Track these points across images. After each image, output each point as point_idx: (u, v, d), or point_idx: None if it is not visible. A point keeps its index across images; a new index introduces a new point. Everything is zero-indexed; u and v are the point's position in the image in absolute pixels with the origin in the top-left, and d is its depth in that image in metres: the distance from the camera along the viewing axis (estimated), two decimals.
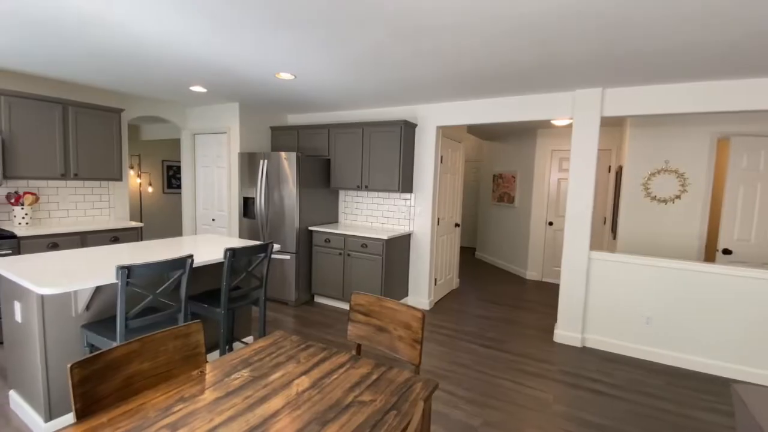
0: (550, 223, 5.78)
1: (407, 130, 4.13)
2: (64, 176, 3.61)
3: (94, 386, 1.15)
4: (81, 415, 1.10)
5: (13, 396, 2.26)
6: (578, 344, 3.59)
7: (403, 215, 4.45)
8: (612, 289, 3.48)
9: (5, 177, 3.25)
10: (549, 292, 5.29)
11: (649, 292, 3.35)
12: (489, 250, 7.09)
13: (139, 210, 6.97)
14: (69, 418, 2.10)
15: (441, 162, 4.38)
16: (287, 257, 4.27)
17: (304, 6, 1.97)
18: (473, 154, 8.13)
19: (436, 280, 4.56)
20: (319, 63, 2.94)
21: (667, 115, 3.23)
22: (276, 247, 2.86)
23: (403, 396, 1.29)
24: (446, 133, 4.47)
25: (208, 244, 2.95)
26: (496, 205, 6.83)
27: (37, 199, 3.52)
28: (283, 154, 4.22)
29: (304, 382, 1.34)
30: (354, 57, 2.76)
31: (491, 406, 2.54)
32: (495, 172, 6.86)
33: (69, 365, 1.08)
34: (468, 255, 7.63)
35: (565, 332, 3.64)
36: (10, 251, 3.10)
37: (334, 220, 4.87)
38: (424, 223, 4.34)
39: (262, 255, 2.69)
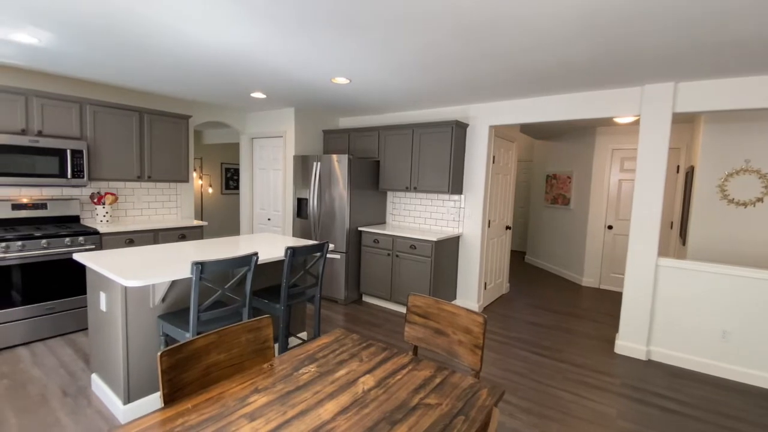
0: (610, 227, 5.44)
1: (458, 130, 4.07)
2: (139, 178, 3.94)
3: (179, 374, 1.24)
4: (168, 400, 1.19)
5: (95, 379, 2.49)
6: (642, 357, 3.34)
7: (452, 217, 4.39)
8: (682, 299, 3.21)
9: (90, 179, 3.60)
10: (608, 300, 4.98)
11: (726, 303, 3.05)
12: (540, 254, 6.80)
13: (200, 209, 7.45)
14: (145, 401, 2.28)
15: (493, 162, 4.27)
16: (337, 257, 4.36)
17: (365, 9, 2.00)
18: (524, 154, 7.85)
19: (485, 284, 4.44)
20: (373, 66, 2.97)
21: (750, 110, 2.92)
22: (330, 246, 2.92)
23: (470, 402, 1.27)
24: (499, 133, 4.35)
25: (266, 242, 3.08)
26: (549, 207, 6.54)
27: (116, 199, 3.88)
28: (334, 156, 4.32)
29: (369, 380, 1.36)
30: (408, 58, 2.76)
31: (550, 417, 2.43)
32: (548, 172, 6.58)
33: (159, 353, 1.17)
34: (517, 259, 7.37)
35: (628, 343, 3.41)
36: (94, 246, 3.43)
37: (381, 221, 4.91)
38: (474, 225, 4.25)
39: (318, 254, 2.76)
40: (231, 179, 7.89)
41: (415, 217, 4.72)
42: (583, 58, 2.62)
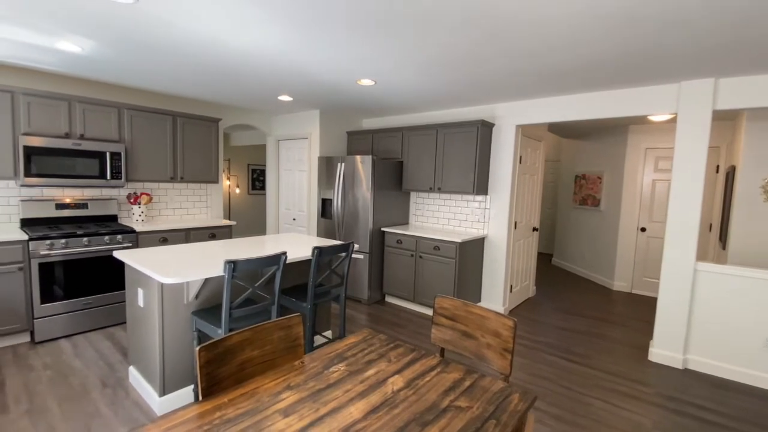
0: (643, 229, 5.24)
1: (484, 130, 4.02)
2: (172, 179, 4.10)
3: (215, 369, 1.28)
4: (205, 394, 1.23)
5: (132, 371, 2.60)
6: (679, 366, 3.20)
7: (477, 218, 4.33)
8: (723, 305, 3.05)
9: (127, 180, 3.77)
10: (641, 306, 4.79)
11: None
12: (568, 256, 6.62)
13: (228, 209, 7.66)
14: (179, 393, 2.36)
15: (520, 162, 4.20)
16: (360, 257, 4.39)
17: (392, 9, 2.01)
18: (551, 154, 7.67)
19: (511, 287, 4.37)
20: (399, 67, 2.98)
21: None
22: (355, 246, 2.95)
23: (501, 406, 1.25)
24: (526, 132, 4.27)
25: (293, 242, 3.14)
26: (578, 209, 6.36)
27: (150, 199, 4.04)
28: (358, 157, 4.35)
29: (398, 381, 1.36)
30: (434, 58, 2.75)
31: (581, 425, 2.36)
32: (577, 172, 6.40)
33: (197, 348, 1.22)
34: (544, 261, 7.21)
35: (663, 351, 3.27)
36: (131, 244, 3.58)
37: (404, 221, 4.91)
38: (499, 227, 4.18)
39: (344, 254, 2.79)
40: (257, 180, 8.07)
41: (439, 217, 4.69)
42: (616, 55, 2.54)
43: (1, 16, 2.25)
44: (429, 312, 4.23)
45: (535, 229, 4.80)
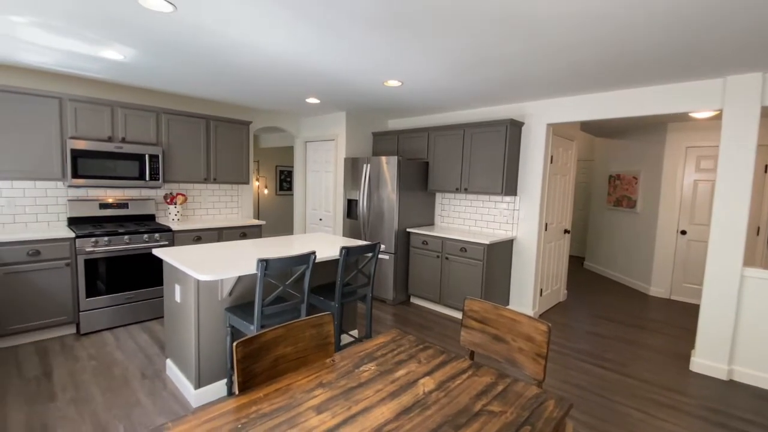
0: (683, 232, 4.98)
1: (513, 129, 3.94)
2: (206, 180, 4.24)
3: (251, 364, 1.31)
4: (242, 388, 1.27)
5: (169, 364, 2.71)
6: (723, 377, 3.02)
7: (506, 219, 4.25)
8: None
9: (164, 181, 3.93)
10: (680, 312, 4.56)
11: None
12: (601, 260, 6.39)
13: (257, 209, 7.86)
14: (213, 387, 2.44)
15: (551, 162, 4.09)
16: (386, 257, 4.40)
17: (419, 9, 2.00)
18: (583, 153, 7.42)
19: (541, 290, 4.25)
20: (426, 67, 2.97)
21: None
22: (381, 247, 2.95)
23: (536, 412, 1.22)
24: (557, 131, 4.15)
25: (320, 242, 3.18)
26: (612, 210, 6.12)
27: (186, 199, 4.20)
28: (383, 158, 4.36)
29: (429, 382, 1.35)
30: (462, 57, 2.72)
31: None
32: (611, 172, 6.16)
33: (234, 343, 1.25)
34: (576, 265, 6.98)
35: (706, 361, 3.10)
36: (167, 242, 3.74)
37: (430, 222, 4.88)
38: (529, 229, 4.08)
39: (370, 254, 2.81)
40: (285, 181, 8.24)
41: (465, 219, 4.63)
42: (656, 49, 2.43)
43: (57, 28, 2.40)
44: (455, 314, 4.18)
45: (566, 231, 4.66)
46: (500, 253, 4.02)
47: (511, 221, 4.21)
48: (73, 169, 3.36)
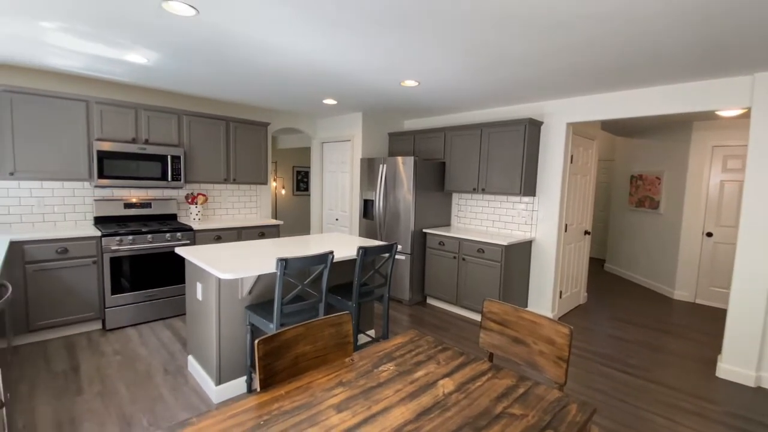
0: (709, 234, 4.82)
1: (532, 128, 3.89)
2: (225, 180, 4.33)
3: (272, 361, 1.33)
4: (263, 386, 1.28)
5: (191, 360, 2.77)
6: (750, 383, 2.91)
7: (524, 220, 4.19)
8: None
9: (185, 181, 4.02)
10: (706, 317, 4.41)
11: None
12: (623, 262, 6.23)
13: (275, 209, 7.97)
14: (233, 383, 2.49)
15: (571, 162, 4.01)
16: (402, 258, 4.39)
17: (437, 9, 2.00)
18: (604, 153, 7.26)
19: (561, 292, 4.18)
20: (444, 66, 2.95)
21: None
22: (398, 247, 2.95)
23: (558, 416, 1.20)
24: (577, 130, 4.07)
25: (337, 242, 3.20)
26: (634, 211, 5.97)
27: (206, 200, 4.29)
28: (399, 158, 4.36)
29: (448, 384, 1.35)
30: (482, 57, 2.70)
31: None
32: (633, 172, 6.01)
33: (256, 341, 1.27)
34: (596, 267, 6.83)
35: (733, 367, 2.99)
36: (189, 241, 3.82)
37: (446, 223, 4.85)
38: (548, 230, 4.02)
39: (387, 254, 2.81)
40: (301, 181, 8.32)
41: (482, 219, 4.59)
42: (682, 46, 2.36)
43: (84, 33, 2.48)
44: (472, 316, 4.14)
45: (586, 233, 4.57)
46: (518, 254, 3.97)
47: (530, 222, 4.14)
48: (99, 170, 3.47)
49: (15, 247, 2.99)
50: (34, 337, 3.17)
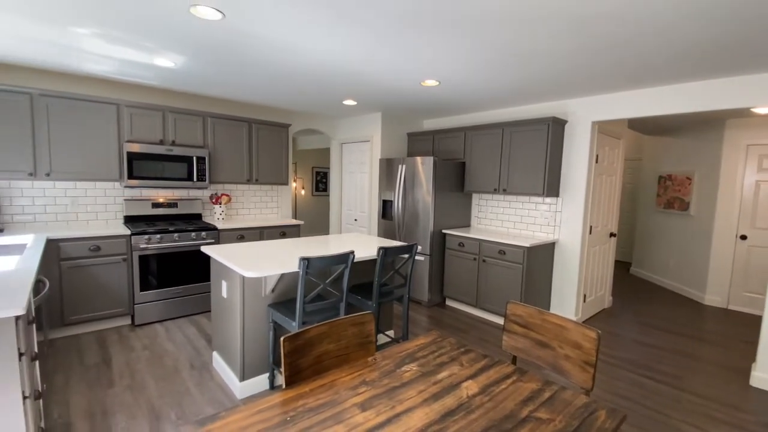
0: (743, 237, 4.61)
1: (555, 127, 3.81)
2: (248, 181, 4.41)
3: (297, 359, 1.35)
4: (289, 382, 1.30)
5: (216, 357, 2.84)
6: None
7: (546, 221, 4.11)
8: None
9: (210, 182, 4.12)
10: (739, 323, 4.22)
11: None
12: (650, 265, 6.03)
13: (294, 209, 8.07)
14: (256, 380, 2.53)
15: (596, 162, 3.91)
16: (421, 258, 4.38)
17: (459, 8, 1.98)
18: (631, 152, 7.04)
19: (585, 296, 4.08)
20: (465, 66, 2.93)
21: None
22: (418, 248, 2.95)
23: (586, 422, 1.17)
24: (603, 129, 3.96)
25: (357, 242, 3.21)
26: (662, 213, 5.77)
27: (230, 200, 4.39)
28: (419, 158, 4.34)
29: (472, 386, 1.33)
30: (505, 56, 2.67)
31: None
32: (661, 172, 5.81)
33: (282, 338, 1.29)
34: (621, 270, 6.64)
35: None
36: (213, 240, 3.92)
37: (466, 224, 4.80)
38: (572, 231, 3.92)
39: (407, 255, 2.80)
40: (320, 182, 8.40)
41: (503, 220, 4.52)
42: (716, 40, 2.26)
43: (116, 38, 2.58)
44: (493, 318, 4.09)
45: (612, 235, 4.44)
46: (541, 256, 3.89)
47: (553, 223, 4.06)
48: (129, 171, 3.59)
49: (51, 245, 3.13)
50: (68, 330, 3.31)
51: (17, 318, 1.50)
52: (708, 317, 4.39)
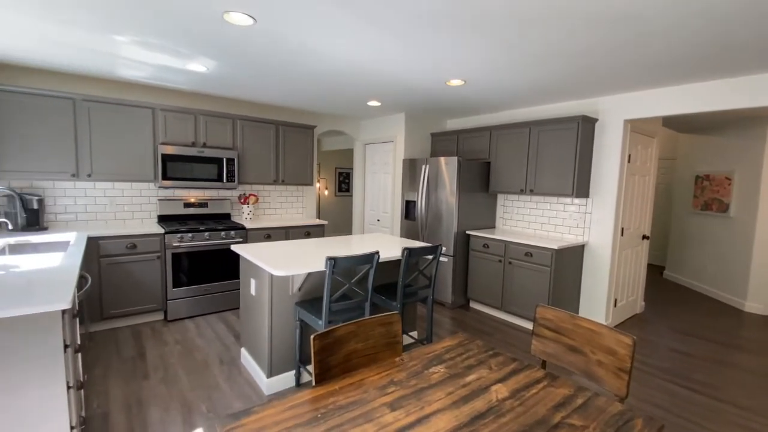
0: None
1: (585, 126, 3.70)
2: (275, 182, 4.51)
3: (326, 357, 1.37)
4: (318, 380, 1.33)
5: (244, 353, 2.91)
6: None
7: (576, 223, 4.00)
8: None
9: (238, 182, 4.23)
10: None
11: None
12: (685, 269, 5.77)
13: (318, 209, 8.19)
14: (283, 377, 2.58)
15: (628, 161, 3.78)
16: (444, 260, 4.35)
17: (492, 9, 1.96)
18: (665, 151, 6.76)
19: (615, 300, 3.94)
20: (492, 65, 2.89)
21: None
22: (442, 249, 2.93)
23: (621, 430, 1.13)
24: (635, 127, 3.82)
25: (381, 242, 3.22)
26: (699, 214, 5.51)
27: (257, 200, 4.49)
28: (442, 159, 4.32)
29: (502, 390, 1.32)
30: (534, 53, 2.61)
31: None
32: (698, 172, 5.55)
33: (312, 336, 1.32)
34: (654, 274, 6.38)
35: None
36: (241, 239, 4.02)
37: (491, 225, 4.73)
38: (603, 233, 3.80)
39: (431, 256, 2.79)
40: (343, 182, 8.49)
41: (530, 222, 4.43)
42: (759, 32, 2.14)
43: (152, 45, 2.69)
44: (518, 322, 4.02)
45: (645, 237, 4.28)
46: (570, 259, 3.79)
47: (582, 225, 3.95)
48: (163, 172, 3.74)
49: (92, 242, 3.30)
50: (107, 324, 3.48)
51: (63, 312, 1.59)
52: (748, 325, 4.16)
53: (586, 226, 3.92)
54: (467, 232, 4.38)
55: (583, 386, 1.37)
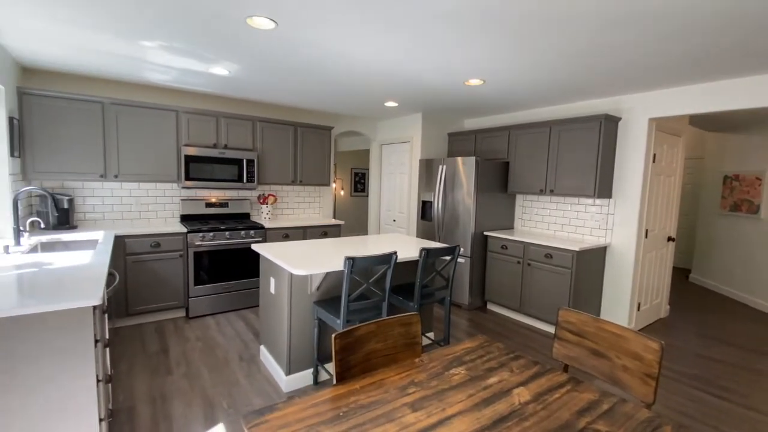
0: None
1: (608, 124, 3.62)
2: (293, 182, 4.56)
3: (347, 356, 1.38)
4: (339, 379, 1.34)
5: (263, 350, 2.96)
6: None
7: (597, 224, 3.91)
8: None
9: (258, 183, 4.30)
10: None
11: None
12: (712, 273, 5.57)
13: (334, 210, 8.24)
14: (301, 375, 2.61)
15: (653, 161, 3.67)
16: (461, 261, 4.31)
17: (515, 9, 1.94)
18: (691, 150, 6.54)
19: (639, 304, 3.84)
20: (512, 64, 2.86)
21: None
22: (460, 250, 2.91)
23: None
24: (660, 126, 3.71)
25: (397, 242, 3.22)
26: (728, 216, 5.31)
27: (276, 200, 4.56)
28: (460, 159, 4.28)
29: (524, 393, 1.30)
30: (554, 51, 2.57)
31: None
32: (726, 172, 5.35)
33: (333, 335, 1.33)
34: (680, 277, 6.18)
35: None
36: (260, 239, 4.09)
37: (509, 225, 4.67)
38: (626, 235, 3.71)
39: (449, 257, 2.78)
40: (359, 183, 8.52)
41: (550, 223, 4.36)
42: None
43: (178, 50, 2.77)
44: (537, 324, 3.95)
45: (670, 239, 4.15)
46: (591, 261, 3.71)
47: (604, 226, 3.86)
48: (186, 172, 3.83)
49: (118, 241, 3.40)
50: (132, 320, 3.59)
51: (94, 308, 1.64)
52: None
53: (609, 227, 3.83)
54: (485, 233, 4.34)
55: (608, 391, 1.34)
